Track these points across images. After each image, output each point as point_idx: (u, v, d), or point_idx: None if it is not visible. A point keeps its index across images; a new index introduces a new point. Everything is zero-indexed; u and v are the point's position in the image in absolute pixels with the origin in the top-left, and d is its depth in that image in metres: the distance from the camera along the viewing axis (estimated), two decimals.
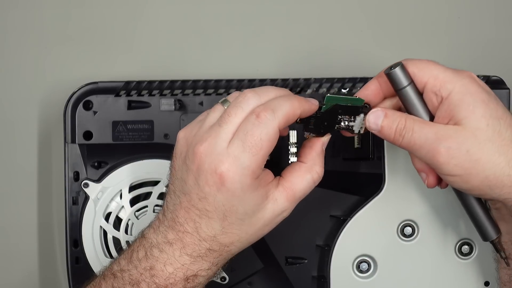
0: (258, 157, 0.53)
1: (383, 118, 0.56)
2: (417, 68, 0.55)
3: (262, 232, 0.57)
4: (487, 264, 0.66)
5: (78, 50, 0.77)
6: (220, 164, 0.53)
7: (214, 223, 0.55)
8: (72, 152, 0.70)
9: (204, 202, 0.54)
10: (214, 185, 0.53)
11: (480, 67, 0.77)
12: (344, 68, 0.77)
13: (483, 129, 0.53)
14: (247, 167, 0.53)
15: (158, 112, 0.70)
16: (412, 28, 0.78)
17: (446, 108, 0.54)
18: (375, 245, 0.66)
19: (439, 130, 0.54)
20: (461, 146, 0.53)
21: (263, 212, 0.55)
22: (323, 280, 0.68)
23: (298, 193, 0.57)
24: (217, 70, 0.77)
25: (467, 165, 0.53)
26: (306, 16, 0.78)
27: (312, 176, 0.57)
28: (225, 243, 0.55)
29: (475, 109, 0.53)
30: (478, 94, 0.54)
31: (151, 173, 0.70)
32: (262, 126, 0.53)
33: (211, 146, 0.53)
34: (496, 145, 0.53)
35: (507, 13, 0.79)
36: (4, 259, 0.78)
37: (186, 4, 0.77)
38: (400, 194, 0.66)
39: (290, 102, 0.54)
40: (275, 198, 0.55)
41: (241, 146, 0.53)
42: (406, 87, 0.55)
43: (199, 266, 0.56)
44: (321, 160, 0.58)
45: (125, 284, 0.57)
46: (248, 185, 0.53)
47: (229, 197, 0.53)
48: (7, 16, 0.77)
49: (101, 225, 0.70)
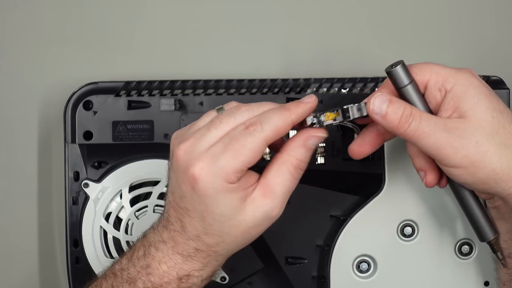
0: (236, 161, 0.52)
1: (388, 103, 0.54)
2: (418, 68, 0.56)
3: (250, 235, 0.55)
4: (487, 264, 0.66)
5: (78, 50, 0.77)
6: (196, 163, 0.52)
7: (196, 222, 0.54)
8: (72, 152, 0.70)
9: (184, 201, 0.54)
10: (189, 184, 0.53)
11: (480, 67, 0.77)
12: (344, 68, 0.77)
13: (489, 120, 0.53)
14: (222, 168, 0.52)
15: (158, 112, 0.70)
16: (412, 28, 0.78)
17: (450, 100, 0.54)
18: (375, 245, 0.66)
19: (447, 122, 0.53)
20: (471, 137, 0.52)
21: (244, 215, 0.54)
22: (323, 280, 0.69)
23: (276, 188, 0.54)
24: (217, 70, 0.77)
25: (475, 157, 0.53)
26: (306, 16, 0.78)
27: (288, 167, 0.54)
28: (209, 243, 0.55)
29: (480, 101, 0.53)
30: (481, 88, 0.54)
31: (151, 173, 0.70)
32: (249, 136, 0.52)
33: (192, 146, 0.53)
34: (503, 137, 0.53)
35: (507, 13, 0.79)
36: (4, 259, 0.78)
37: (186, 4, 0.77)
38: (400, 194, 0.66)
39: (279, 114, 0.53)
40: (252, 198, 0.54)
41: (222, 148, 0.53)
42: (407, 85, 0.55)
43: (191, 266, 0.56)
44: (300, 149, 0.55)
45: (123, 283, 0.57)
46: (222, 187, 0.52)
47: (202, 197, 0.53)
48: (7, 16, 0.77)
49: (101, 225, 0.70)
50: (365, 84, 0.70)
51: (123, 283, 0.57)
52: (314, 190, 0.71)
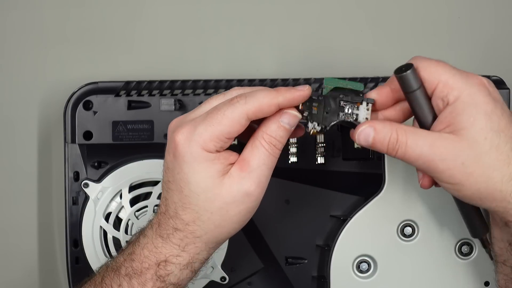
0: (213, 128, 0.54)
1: (373, 135, 0.54)
2: (427, 73, 0.54)
3: (227, 213, 0.55)
4: (487, 264, 0.66)
5: (78, 50, 0.77)
6: (179, 130, 0.55)
7: (174, 196, 0.55)
8: (72, 152, 0.70)
9: (167, 173, 0.56)
10: (171, 151, 0.55)
11: (480, 67, 0.77)
12: (344, 68, 0.77)
13: (480, 142, 0.52)
14: (199, 134, 0.54)
15: (158, 112, 0.70)
16: (412, 28, 0.78)
17: (448, 114, 0.53)
18: (375, 245, 0.66)
19: (435, 140, 0.53)
20: (457, 158, 0.52)
21: (220, 188, 0.54)
22: (323, 280, 0.69)
23: (252, 160, 0.55)
24: (217, 70, 0.77)
25: (460, 177, 0.53)
26: (306, 16, 0.78)
27: (260, 141, 0.55)
28: (186, 220, 0.55)
29: (476, 121, 0.52)
30: (482, 106, 0.53)
31: (151, 173, 0.70)
32: (231, 106, 0.54)
33: (182, 118, 0.56)
34: (492, 159, 0.52)
35: (507, 13, 0.79)
36: (4, 259, 0.78)
37: (186, 4, 0.77)
38: (400, 194, 0.66)
39: (266, 92, 0.55)
40: (230, 173, 0.55)
41: (204, 117, 0.55)
42: (415, 91, 0.54)
43: (169, 250, 0.56)
44: (272, 125, 0.55)
45: (109, 271, 0.58)
46: (198, 154, 0.54)
47: (181, 164, 0.54)
48: (7, 16, 0.77)
49: (101, 225, 0.70)
50: (365, 84, 0.70)
51: (109, 272, 0.58)
52: (314, 190, 0.71)
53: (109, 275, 0.58)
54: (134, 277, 0.56)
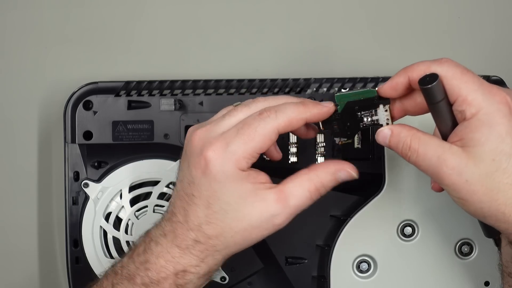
0: (247, 146, 0.53)
1: (389, 138, 0.55)
2: (449, 86, 0.53)
3: (250, 235, 0.55)
4: (487, 264, 0.66)
5: (78, 50, 0.77)
6: (209, 146, 0.54)
7: (200, 210, 0.55)
8: (72, 152, 0.70)
9: (192, 187, 0.55)
10: (199, 167, 0.54)
11: (480, 67, 0.77)
12: (344, 68, 0.77)
13: (487, 163, 0.52)
14: (233, 152, 0.53)
15: (158, 112, 0.70)
16: (412, 28, 0.78)
17: (463, 129, 0.53)
18: (375, 245, 0.66)
19: (443, 153, 0.53)
20: (462, 174, 0.52)
21: (250, 209, 0.54)
22: (323, 280, 0.69)
23: (292, 198, 0.55)
24: (217, 70, 0.77)
25: (463, 194, 0.53)
26: (306, 16, 0.78)
27: (310, 185, 0.55)
28: (209, 234, 0.55)
29: (486, 142, 0.52)
30: (497, 127, 0.52)
31: (151, 173, 0.70)
32: (261, 121, 0.54)
33: (207, 132, 0.55)
34: (497, 181, 0.52)
35: (507, 13, 0.79)
36: (4, 259, 0.78)
37: (186, 4, 0.77)
38: (400, 194, 0.66)
39: (295, 107, 0.55)
40: (265, 198, 0.54)
41: (235, 132, 0.54)
42: (439, 102, 0.54)
43: (188, 260, 0.56)
44: (329, 176, 0.56)
45: (122, 279, 0.57)
46: (231, 172, 0.53)
47: (211, 181, 0.54)
48: (7, 16, 0.77)
49: (101, 225, 0.70)
50: (365, 84, 0.70)
51: (122, 280, 0.57)
52: None
53: (123, 283, 0.57)
54: (151, 286, 0.56)
